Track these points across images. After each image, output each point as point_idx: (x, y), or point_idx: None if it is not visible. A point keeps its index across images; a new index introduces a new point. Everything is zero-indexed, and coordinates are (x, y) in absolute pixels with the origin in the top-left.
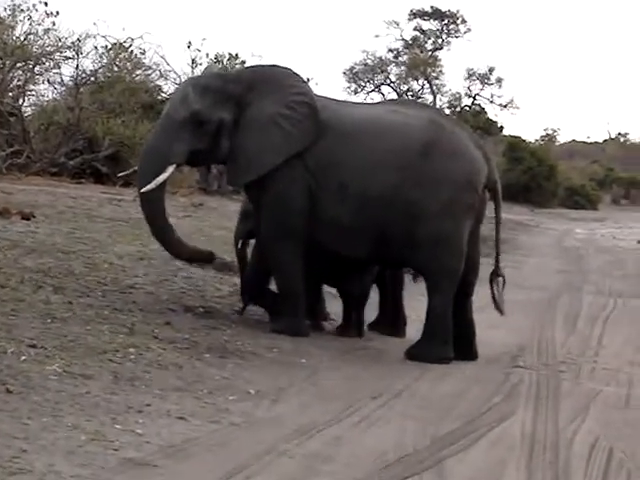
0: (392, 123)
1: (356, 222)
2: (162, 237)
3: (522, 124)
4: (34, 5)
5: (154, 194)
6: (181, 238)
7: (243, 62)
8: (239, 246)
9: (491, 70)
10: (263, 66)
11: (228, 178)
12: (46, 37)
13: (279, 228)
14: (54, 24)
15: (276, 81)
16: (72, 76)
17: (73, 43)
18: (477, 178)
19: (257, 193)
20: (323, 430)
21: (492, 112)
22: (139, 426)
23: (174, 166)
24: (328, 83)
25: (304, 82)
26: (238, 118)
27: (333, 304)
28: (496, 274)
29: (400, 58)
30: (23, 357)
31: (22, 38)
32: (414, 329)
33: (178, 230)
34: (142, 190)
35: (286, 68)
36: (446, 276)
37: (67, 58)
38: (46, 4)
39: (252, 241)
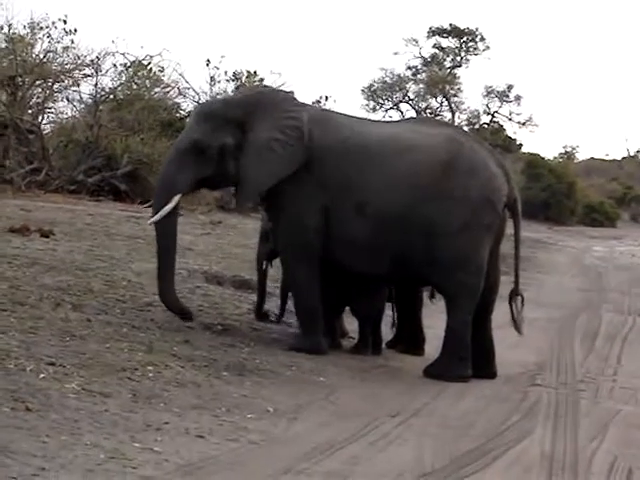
0: (410, 141)
1: (375, 240)
2: (161, 272)
3: (541, 141)
4: (53, 23)
5: (163, 226)
6: (173, 283)
7: (262, 80)
8: (263, 267)
9: (510, 88)
10: (265, 90)
11: (236, 200)
12: (65, 55)
13: (296, 247)
14: (73, 42)
15: (273, 106)
16: (91, 94)
17: (92, 61)
18: (496, 196)
19: (275, 212)
20: (341, 449)
21: (511, 130)
22: (157, 444)
23: (179, 196)
24: (347, 100)
25: (300, 106)
26: (241, 142)
27: (353, 322)
28: (515, 293)
29: (419, 76)
30: (42, 375)
31: (41, 56)
32: (433, 347)
33: (197, 247)
34: (149, 222)
35: (286, 92)
36: (465, 294)
37: (86, 76)
38: (65, 22)
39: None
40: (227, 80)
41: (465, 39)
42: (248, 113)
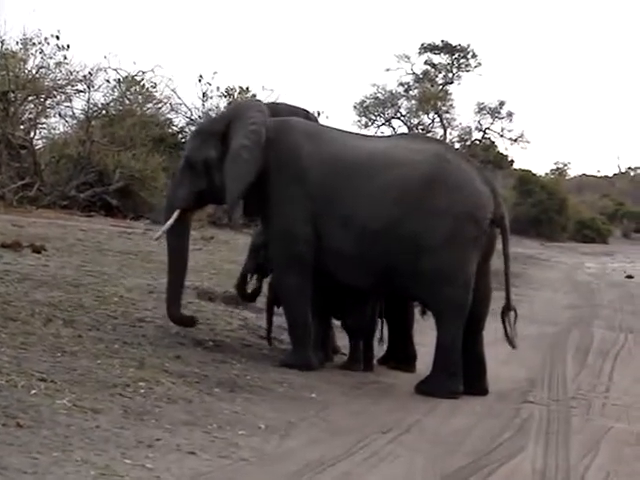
0: (397, 157)
1: (359, 253)
2: (167, 287)
3: (532, 158)
4: (46, 38)
5: (168, 241)
6: (179, 297)
7: (254, 95)
8: (249, 280)
9: (501, 104)
10: (242, 102)
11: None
12: (58, 70)
13: (287, 258)
14: (65, 57)
15: (242, 114)
16: (83, 109)
17: (84, 76)
18: (481, 212)
19: (267, 224)
20: (333, 465)
21: (502, 146)
22: (149, 461)
23: (178, 211)
24: (339, 116)
25: (261, 112)
26: (223, 154)
27: (345, 338)
28: (507, 308)
29: (411, 92)
30: (33, 391)
31: (34, 71)
32: (424, 364)
33: (188, 263)
34: (153, 238)
35: (253, 101)
36: (452, 309)
37: (78, 91)
38: (58, 38)
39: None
40: (219, 96)
41: (457, 56)
42: (227, 125)
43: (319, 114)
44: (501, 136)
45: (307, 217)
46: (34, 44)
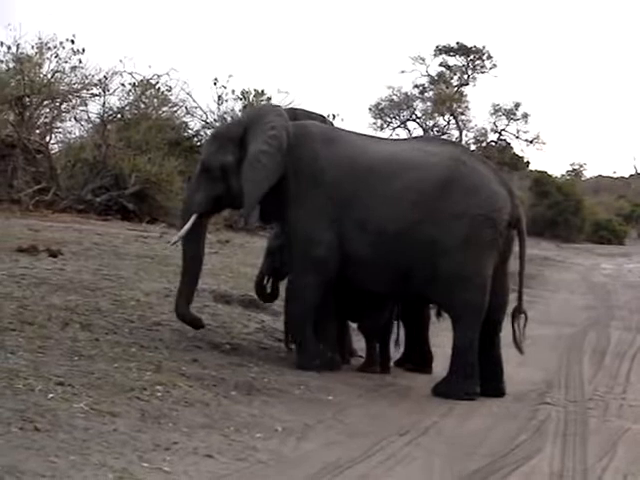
0: (412, 159)
1: (376, 256)
2: (179, 288)
3: (548, 159)
4: (61, 43)
5: (183, 245)
6: (189, 300)
7: (269, 99)
8: (264, 282)
9: (517, 105)
10: (258, 106)
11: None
12: (73, 74)
13: (305, 263)
14: (81, 61)
15: (260, 119)
16: (99, 113)
17: (100, 80)
18: (497, 214)
19: (284, 229)
20: (350, 468)
21: (518, 147)
22: (166, 464)
23: (195, 216)
24: (354, 119)
25: (280, 116)
26: (240, 159)
27: (362, 340)
28: (518, 311)
29: (426, 94)
30: (50, 395)
31: (49, 76)
32: (441, 365)
33: (205, 266)
34: (170, 243)
35: (272, 105)
36: (469, 311)
37: (94, 95)
38: (73, 42)
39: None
40: (235, 99)
41: (472, 57)
42: (245, 130)
43: (334, 117)
44: (517, 137)
45: (326, 222)
46: (49, 48)
